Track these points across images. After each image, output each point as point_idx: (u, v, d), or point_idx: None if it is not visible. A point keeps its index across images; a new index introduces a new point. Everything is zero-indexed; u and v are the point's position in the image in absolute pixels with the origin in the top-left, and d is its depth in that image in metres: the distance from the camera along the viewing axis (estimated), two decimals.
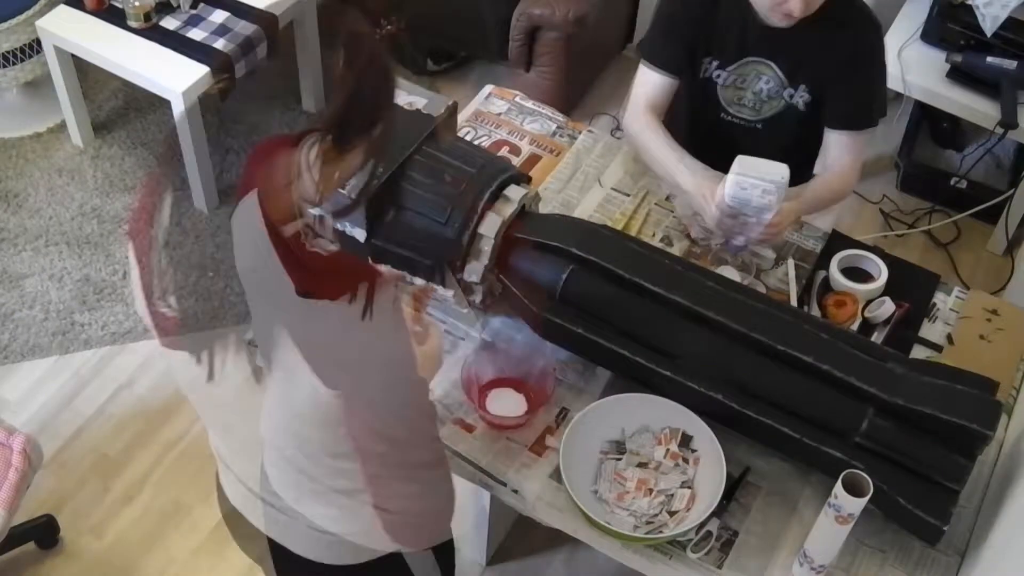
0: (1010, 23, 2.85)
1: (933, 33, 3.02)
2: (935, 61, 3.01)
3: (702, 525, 1.70)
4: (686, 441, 1.77)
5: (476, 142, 2.23)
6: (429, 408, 1.59)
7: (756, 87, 2.13)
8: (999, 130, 2.85)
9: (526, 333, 1.90)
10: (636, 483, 1.74)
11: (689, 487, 1.74)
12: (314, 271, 1.38)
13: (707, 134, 2.22)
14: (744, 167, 1.89)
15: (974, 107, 2.94)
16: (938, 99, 3.00)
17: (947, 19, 2.97)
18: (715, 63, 2.13)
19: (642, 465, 1.76)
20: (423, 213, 1.81)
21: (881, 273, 2.01)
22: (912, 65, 3.02)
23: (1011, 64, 2.86)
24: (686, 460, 1.76)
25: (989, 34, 2.88)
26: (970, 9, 2.89)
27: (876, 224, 3.28)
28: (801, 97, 2.11)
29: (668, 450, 1.77)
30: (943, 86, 2.99)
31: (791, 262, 2.07)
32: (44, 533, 2.50)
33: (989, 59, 2.89)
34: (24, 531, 2.46)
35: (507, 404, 1.84)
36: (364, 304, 1.35)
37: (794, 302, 2.00)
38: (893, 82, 3.02)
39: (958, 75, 2.97)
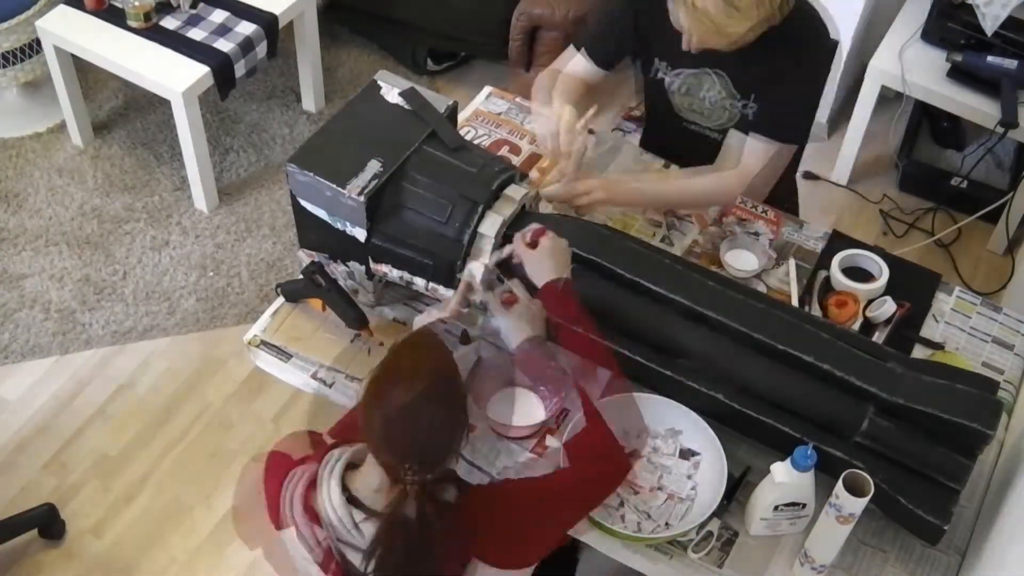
0: (1010, 22, 2.84)
1: (933, 32, 3.02)
2: (935, 60, 3.01)
3: (703, 525, 1.70)
4: (686, 441, 1.77)
5: (476, 141, 2.23)
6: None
7: (710, 96, 2.10)
8: (999, 129, 2.85)
9: None
10: (636, 484, 1.74)
11: (693, 488, 1.73)
12: None
13: (670, 141, 2.23)
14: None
15: (974, 106, 2.94)
16: (938, 98, 3.00)
17: (947, 18, 2.97)
18: (664, 63, 2.11)
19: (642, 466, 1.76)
20: (423, 212, 1.81)
21: (882, 273, 2.01)
22: (912, 65, 3.02)
23: (1011, 63, 2.86)
24: (686, 459, 1.76)
25: (989, 33, 2.87)
26: (970, 8, 2.89)
27: (876, 224, 3.28)
28: (751, 109, 2.08)
29: (667, 451, 1.77)
30: (943, 85, 2.98)
31: (792, 262, 2.07)
32: (46, 521, 2.51)
33: (989, 58, 2.89)
34: (25, 520, 2.47)
35: (516, 406, 1.83)
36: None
37: (795, 302, 2.00)
38: (894, 81, 3.03)
39: (958, 74, 2.97)
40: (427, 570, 1.42)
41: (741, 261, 2.05)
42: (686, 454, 1.76)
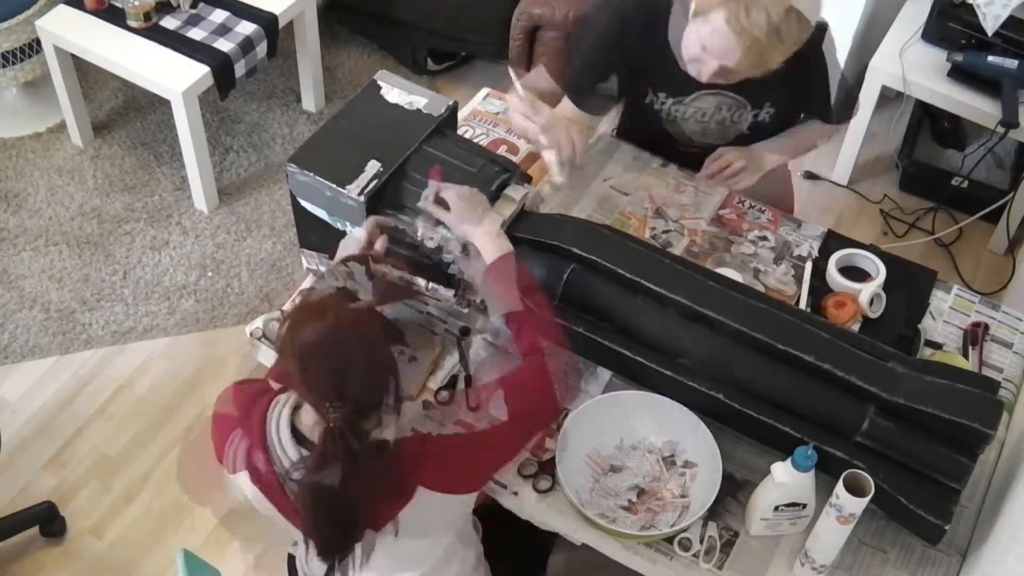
0: (1011, 22, 2.84)
1: (934, 32, 3.02)
2: (936, 60, 3.01)
3: (703, 526, 1.70)
4: (683, 452, 1.78)
5: (474, 140, 2.23)
6: None
7: (719, 117, 2.12)
8: (1000, 129, 2.85)
9: None
10: (634, 486, 1.74)
11: (685, 485, 1.74)
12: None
13: (674, 159, 2.24)
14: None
15: (975, 106, 2.94)
16: (939, 98, 3.00)
17: (948, 18, 2.97)
18: (670, 100, 2.11)
19: (643, 474, 1.76)
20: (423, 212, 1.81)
21: (879, 272, 2.01)
22: (913, 64, 3.02)
23: (1012, 63, 2.86)
24: (683, 473, 1.76)
25: (990, 33, 2.87)
26: (971, 8, 2.89)
27: (876, 224, 3.27)
28: (767, 113, 2.11)
29: (663, 454, 1.77)
30: (944, 85, 2.98)
31: (808, 264, 2.06)
32: (46, 519, 2.51)
33: (990, 58, 2.89)
34: (26, 517, 2.48)
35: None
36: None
37: (803, 304, 1.99)
38: (894, 81, 3.03)
39: (959, 74, 2.97)
40: (363, 505, 1.45)
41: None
42: (684, 466, 1.77)
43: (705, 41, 1.85)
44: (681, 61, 1.96)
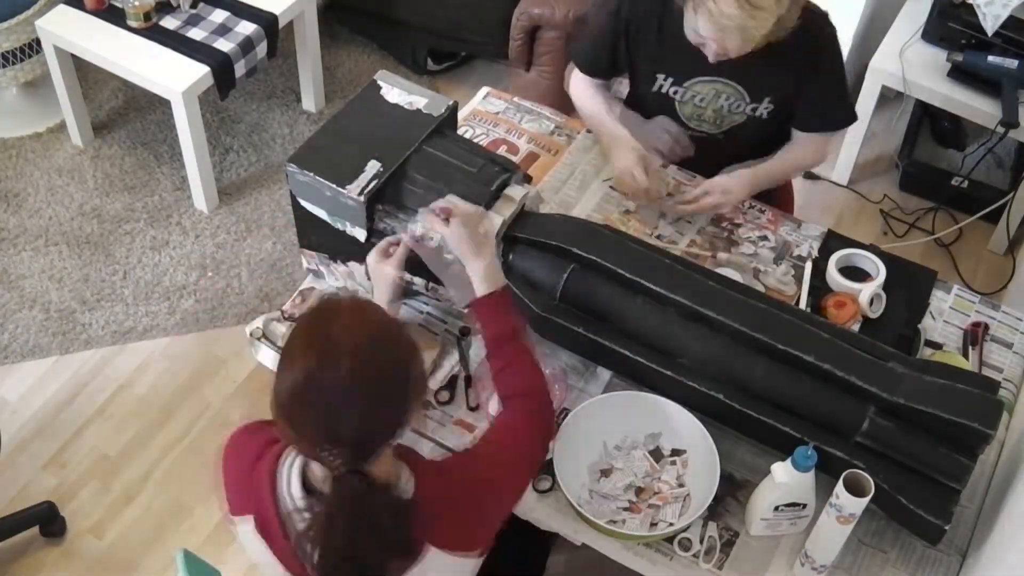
0: (1011, 22, 2.84)
1: (934, 32, 3.02)
2: (936, 60, 3.01)
3: (703, 526, 1.70)
4: (668, 442, 1.78)
5: (474, 140, 2.23)
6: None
7: (716, 105, 2.13)
8: (1000, 129, 2.85)
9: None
10: (629, 486, 1.74)
11: (679, 473, 1.74)
12: None
13: None
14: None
15: (975, 106, 2.94)
16: (939, 98, 3.00)
17: (948, 18, 2.97)
18: (669, 79, 2.13)
19: (636, 471, 1.76)
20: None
21: (879, 272, 2.01)
22: (913, 64, 3.02)
23: (1012, 63, 2.86)
24: (673, 461, 1.76)
25: (990, 33, 2.87)
26: (971, 8, 2.89)
27: (876, 224, 3.27)
28: (766, 109, 2.12)
29: (648, 448, 1.77)
30: (944, 85, 2.98)
31: (809, 264, 2.06)
32: (46, 519, 2.51)
33: (990, 58, 2.89)
34: (25, 518, 2.48)
35: None
36: None
37: (803, 304, 1.99)
38: (894, 81, 3.03)
39: (959, 74, 2.97)
40: (374, 558, 1.33)
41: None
42: (672, 455, 1.77)
43: (697, 29, 1.92)
44: (686, 43, 2.00)
